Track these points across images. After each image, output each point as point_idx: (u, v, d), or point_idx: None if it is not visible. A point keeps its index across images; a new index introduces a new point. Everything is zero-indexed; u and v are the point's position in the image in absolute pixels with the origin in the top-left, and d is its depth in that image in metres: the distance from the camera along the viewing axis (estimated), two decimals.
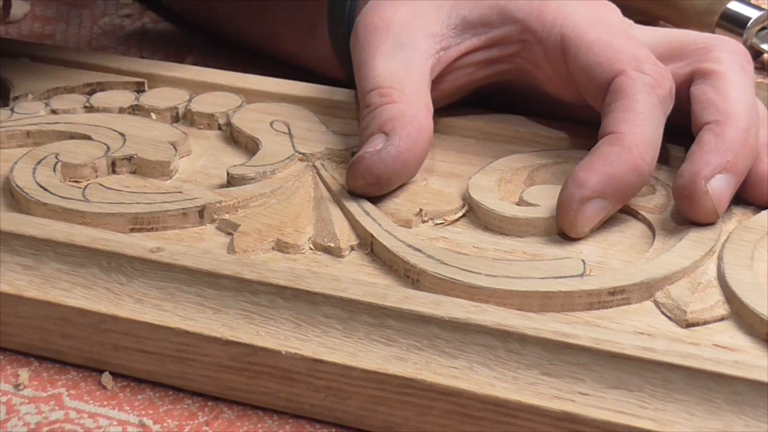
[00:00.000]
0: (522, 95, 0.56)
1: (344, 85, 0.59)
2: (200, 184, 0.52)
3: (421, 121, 0.50)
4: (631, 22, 0.55)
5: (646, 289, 0.44)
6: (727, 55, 0.51)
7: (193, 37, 0.72)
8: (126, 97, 0.59)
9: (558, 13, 0.52)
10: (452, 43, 0.54)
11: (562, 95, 0.54)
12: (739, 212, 0.49)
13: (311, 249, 0.48)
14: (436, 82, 0.53)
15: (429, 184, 0.51)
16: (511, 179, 0.52)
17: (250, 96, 0.58)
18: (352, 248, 0.48)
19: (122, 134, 0.55)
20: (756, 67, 0.68)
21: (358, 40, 0.54)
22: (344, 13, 0.59)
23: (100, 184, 0.52)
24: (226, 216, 0.50)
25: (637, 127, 0.48)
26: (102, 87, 0.60)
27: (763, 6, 0.70)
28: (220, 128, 0.57)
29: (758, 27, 0.69)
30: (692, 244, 0.46)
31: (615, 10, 0.55)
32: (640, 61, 0.50)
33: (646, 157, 0.47)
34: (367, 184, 0.49)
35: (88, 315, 0.45)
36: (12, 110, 0.57)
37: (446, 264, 0.45)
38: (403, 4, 0.54)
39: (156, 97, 0.58)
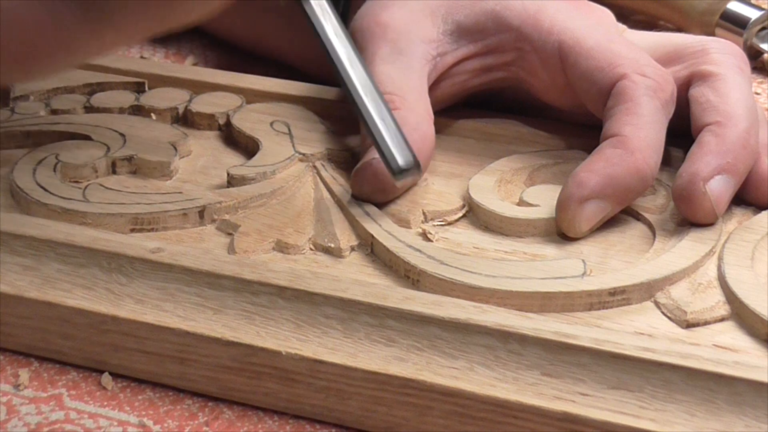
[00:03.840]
0: (517, 102, 0.56)
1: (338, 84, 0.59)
2: (200, 184, 0.52)
3: (425, 129, 0.50)
4: (625, 27, 0.55)
5: (646, 290, 0.44)
6: (724, 57, 0.51)
7: (193, 37, 0.72)
8: (126, 98, 0.59)
9: (554, 20, 0.52)
10: (448, 50, 0.53)
11: (558, 103, 0.54)
12: (739, 213, 0.49)
13: (311, 249, 0.48)
14: (430, 89, 0.53)
15: (429, 185, 0.51)
16: (512, 180, 0.52)
17: (250, 96, 0.58)
18: (353, 249, 0.48)
19: (122, 134, 0.55)
20: (756, 67, 0.68)
21: (356, 45, 0.54)
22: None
23: (101, 185, 0.52)
24: (227, 216, 0.50)
25: (641, 130, 0.48)
26: (102, 87, 0.60)
27: (763, 6, 0.70)
28: (220, 128, 0.57)
29: (758, 27, 0.69)
30: (692, 244, 0.46)
31: (609, 16, 0.55)
32: (641, 64, 0.50)
33: (649, 160, 0.47)
34: (373, 191, 0.49)
35: (88, 315, 0.45)
36: (12, 110, 0.57)
37: (446, 264, 0.45)
38: (398, 8, 0.54)
39: (156, 98, 0.58)
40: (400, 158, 0.47)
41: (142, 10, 0.45)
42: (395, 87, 0.51)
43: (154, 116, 0.58)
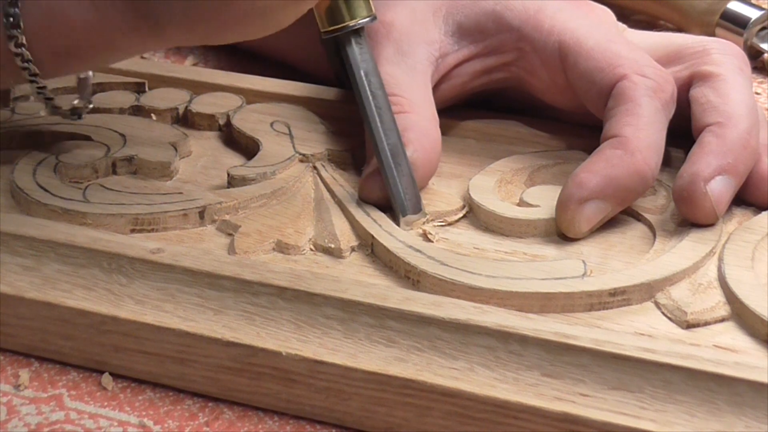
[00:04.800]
0: (517, 102, 0.56)
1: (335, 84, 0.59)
2: (200, 184, 0.52)
3: (434, 134, 0.51)
4: (625, 26, 0.55)
5: (646, 290, 0.44)
6: (725, 58, 0.51)
7: None
8: (126, 98, 0.59)
9: (555, 20, 0.52)
10: (450, 51, 0.53)
11: (558, 103, 0.54)
12: (739, 213, 0.49)
13: (312, 250, 0.48)
14: (432, 90, 0.53)
15: (430, 185, 0.51)
16: (512, 180, 0.52)
17: (251, 96, 0.58)
18: (353, 249, 0.48)
19: (122, 135, 0.55)
20: (756, 67, 0.68)
21: None
22: None
23: (101, 185, 0.52)
24: (227, 217, 0.50)
25: (641, 131, 0.48)
26: (102, 87, 0.60)
27: (763, 6, 0.70)
28: (220, 129, 0.57)
29: (758, 27, 0.69)
30: (693, 245, 0.46)
31: (610, 15, 0.55)
32: (641, 65, 0.50)
33: (650, 161, 0.47)
34: (383, 197, 0.49)
35: (88, 316, 0.45)
36: (12, 111, 0.57)
37: (447, 265, 0.45)
38: (402, 7, 0.54)
39: (156, 98, 0.58)
40: (410, 207, 0.49)
41: (190, 29, 0.46)
42: (402, 90, 0.51)
43: (154, 117, 0.58)
